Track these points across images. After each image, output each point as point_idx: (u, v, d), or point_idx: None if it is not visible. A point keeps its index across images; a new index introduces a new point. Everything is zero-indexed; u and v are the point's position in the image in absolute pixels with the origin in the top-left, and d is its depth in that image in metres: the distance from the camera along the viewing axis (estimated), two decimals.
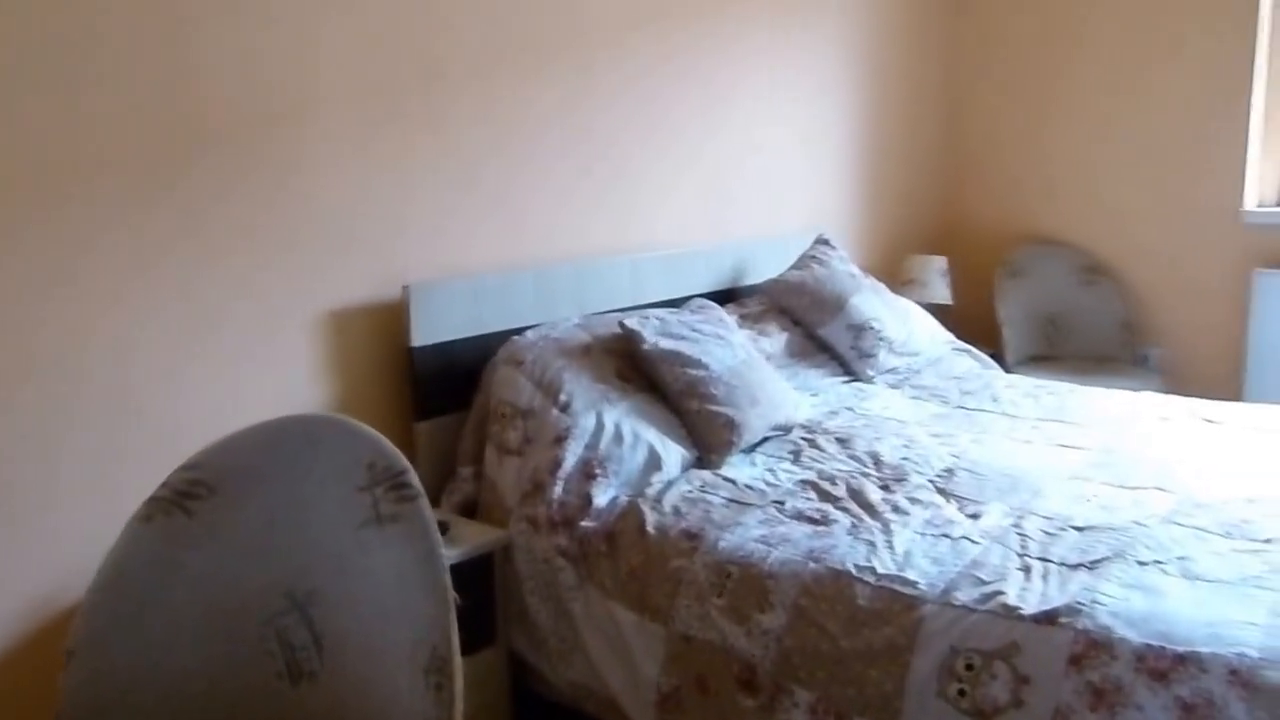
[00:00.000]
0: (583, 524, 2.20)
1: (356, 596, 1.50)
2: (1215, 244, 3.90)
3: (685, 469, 2.42)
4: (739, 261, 3.42)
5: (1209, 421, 2.74)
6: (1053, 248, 4.29)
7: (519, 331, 2.60)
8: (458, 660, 1.35)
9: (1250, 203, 3.82)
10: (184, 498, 1.55)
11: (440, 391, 2.50)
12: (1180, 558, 1.84)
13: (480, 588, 2.22)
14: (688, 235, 3.31)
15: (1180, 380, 3.88)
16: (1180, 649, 1.55)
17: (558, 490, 2.25)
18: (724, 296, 3.26)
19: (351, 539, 1.54)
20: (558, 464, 2.28)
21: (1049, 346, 4.27)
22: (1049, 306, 4.28)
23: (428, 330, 2.45)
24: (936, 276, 4.12)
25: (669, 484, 2.32)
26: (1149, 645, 1.57)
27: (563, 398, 2.40)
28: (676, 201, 3.26)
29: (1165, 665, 1.54)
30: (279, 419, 1.63)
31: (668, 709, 1.98)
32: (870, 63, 4.04)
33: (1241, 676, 1.49)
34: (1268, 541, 1.89)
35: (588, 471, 2.28)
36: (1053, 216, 4.30)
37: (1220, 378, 3.86)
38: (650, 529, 2.13)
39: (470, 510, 2.43)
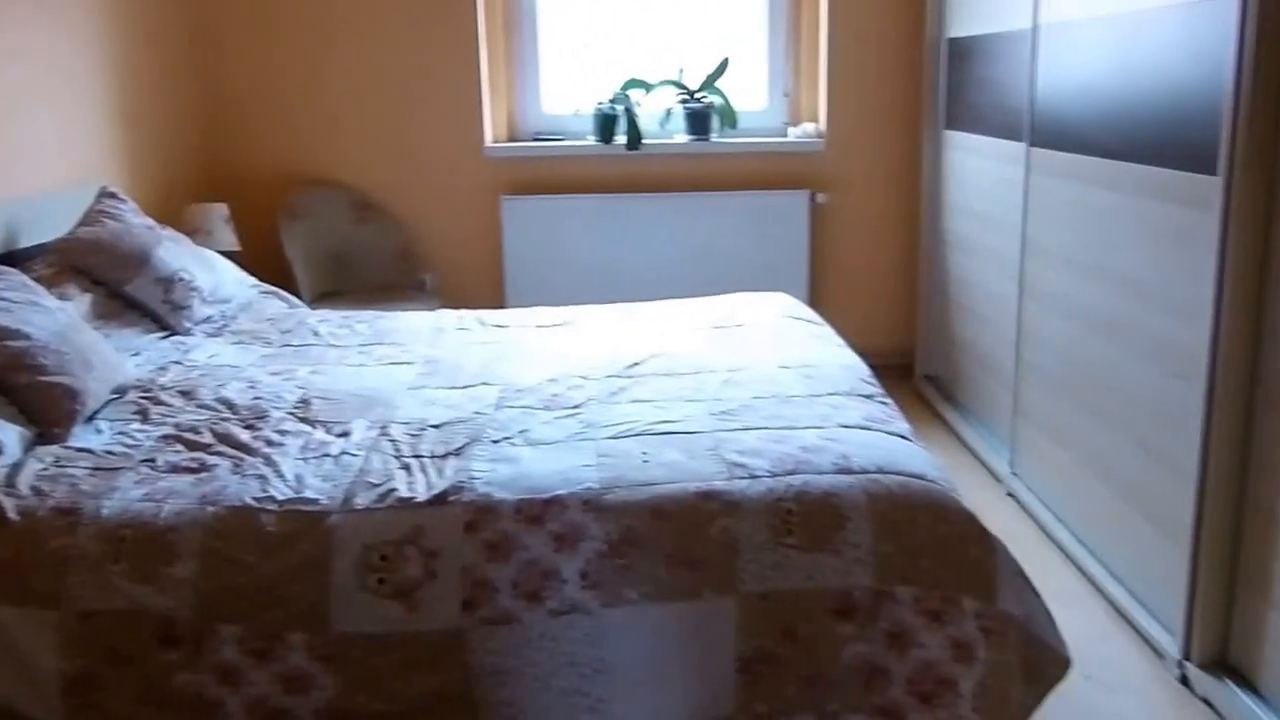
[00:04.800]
0: None
1: None
2: (466, 176, 4.52)
3: (28, 448, 2.21)
4: (9, 223, 3.07)
5: (499, 326, 3.27)
6: (328, 189, 4.54)
7: None
8: None
9: (489, 139, 4.49)
10: None
11: None
12: (521, 431, 2.26)
13: None
14: None
15: (455, 297, 4.44)
16: (545, 496, 1.95)
17: None
18: (2, 262, 2.91)
19: None
20: None
21: (336, 282, 4.54)
22: (331, 245, 4.54)
23: None
24: (220, 223, 4.13)
25: (15, 466, 2.11)
26: (522, 499, 1.95)
27: None
28: None
29: (537, 510, 1.93)
30: None
31: (78, 693, 1.87)
32: (116, 10, 3.82)
33: (592, 504, 1.93)
34: (576, 407, 2.41)
35: None
36: (326, 160, 4.55)
37: (486, 291, 4.52)
38: (13, 515, 1.94)
39: None
